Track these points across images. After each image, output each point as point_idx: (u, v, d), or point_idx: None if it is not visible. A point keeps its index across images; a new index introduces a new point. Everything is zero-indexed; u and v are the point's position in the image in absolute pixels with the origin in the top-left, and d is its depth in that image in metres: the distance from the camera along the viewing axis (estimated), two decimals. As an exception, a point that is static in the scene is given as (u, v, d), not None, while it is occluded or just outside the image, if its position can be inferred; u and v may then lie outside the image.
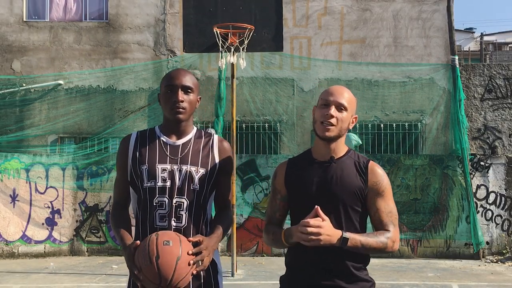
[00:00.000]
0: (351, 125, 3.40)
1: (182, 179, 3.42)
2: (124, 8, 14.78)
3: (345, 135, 3.40)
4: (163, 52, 14.65)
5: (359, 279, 3.32)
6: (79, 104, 14.53)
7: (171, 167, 3.42)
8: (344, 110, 3.31)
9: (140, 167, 3.43)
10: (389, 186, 3.35)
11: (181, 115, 3.45)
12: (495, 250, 13.20)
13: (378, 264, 12.15)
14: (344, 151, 3.39)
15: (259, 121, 14.36)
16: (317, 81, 14.32)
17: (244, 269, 11.52)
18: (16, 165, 13.22)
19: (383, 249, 3.23)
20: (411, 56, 14.44)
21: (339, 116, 3.29)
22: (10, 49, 14.80)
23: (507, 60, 29.84)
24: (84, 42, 14.79)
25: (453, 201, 13.14)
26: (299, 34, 14.52)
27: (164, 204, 3.39)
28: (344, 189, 3.26)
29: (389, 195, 3.33)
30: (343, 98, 3.31)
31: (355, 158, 3.38)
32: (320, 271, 3.28)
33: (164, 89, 3.48)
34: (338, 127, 3.30)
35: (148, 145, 3.49)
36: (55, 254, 13.27)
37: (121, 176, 3.56)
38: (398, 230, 3.31)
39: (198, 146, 3.53)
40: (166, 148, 3.48)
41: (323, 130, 3.29)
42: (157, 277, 3.10)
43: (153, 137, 3.53)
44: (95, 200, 13.40)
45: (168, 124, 3.53)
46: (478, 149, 14.16)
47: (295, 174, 3.40)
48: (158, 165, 3.42)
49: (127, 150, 3.52)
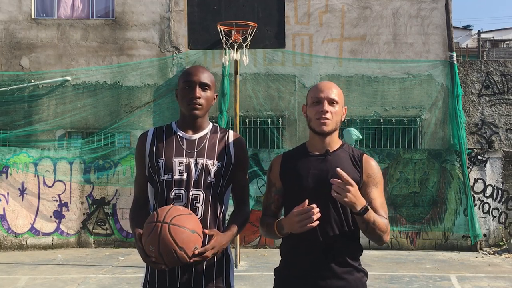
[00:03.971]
0: (343, 116, 3.43)
1: (198, 172, 3.41)
2: (130, 6, 14.86)
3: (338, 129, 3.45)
4: (168, 49, 14.72)
5: (353, 269, 3.31)
6: (86, 99, 14.59)
7: (188, 160, 3.43)
8: (336, 103, 3.35)
9: (157, 161, 3.43)
10: (382, 178, 3.37)
11: (198, 111, 3.46)
12: (492, 242, 13.23)
13: (377, 255, 12.24)
14: (338, 145, 3.41)
15: (261, 116, 14.39)
16: (319, 77, 14.35)
17: (247, 261, 11.55)
18: (25, 159, 13.26)
19: (383, 233, 3.21)
20: (410, 53, 14.47)
21: (332, 110, 3.33)
22: (19, 46, 14.87)
23: (504, 56, 29.78)
24: (91, 39, 14.85)
25: (451, 194, 13.16)
26: (301, 31, 14.60)
27: (181, 197, 3.38)
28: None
29: (381, 187, 3.35)
30: (332, 93, 3.35)
31: (349, 151, 3.40)
32: (314, 262, 3.28)
33: (182, 85, 3.49)
34: (334, 121, 3.34)
35: (165, 140, 3.49)
36: (63, 246, 13.30)
37: (140, 172, 3.56)
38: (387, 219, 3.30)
39: (214, 140, 3.53)
40: (182, 142, 3.48)
41: (320, 125, 3.32)
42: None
43: (169, 132, 3.53)
44: (102, 193, 13.42)
45: (185, 119, 3.53)
46: (476, 143, 14.21)
47: (290, 167, 3.40)
48: (174, 158, 3.42)
49: (144, 145, 3.51)
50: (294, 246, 3.35)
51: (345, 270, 3.28)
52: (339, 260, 3.27)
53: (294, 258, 3.36)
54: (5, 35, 14.90)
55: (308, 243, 3.27)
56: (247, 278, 10.06)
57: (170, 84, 14.55)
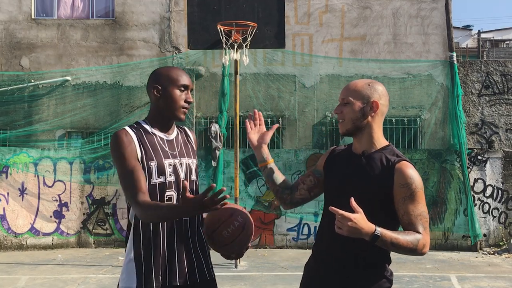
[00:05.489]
0: (372, 112, 3.26)
1: (184, 172, 3.42)
2: (130, 6, 14.86)
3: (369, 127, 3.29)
4: (168, 49, 14.73)
5: (373, 276, 3.24)
6: (86, 99, 14.59)
7: (173, 162, 3.40)
8: (347, 103, 3.27)
9: (149, 163, 3.33)
10: (420, 188, 3.16)
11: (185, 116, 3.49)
12: (492, 242, 13.25)
13: (377, 255, 12.36)
14: (381, 146, 3.30)
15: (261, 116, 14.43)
16: (319, 77, 14.39)
17: (247, 261, 11.53)
18: (25, 159, 13.28)
19: (412, 250, 3.06)
20: (410, 53, 14.48)
21: (343, 110, 3.27)
22: (19, 46, 14.87)
23: (503, 56, 29.83)
24: (91, 39, 14.86)
25: (451, 194, 13.19)
26: (301, 31, 14.61)
27: (173, 198, 3.35)
28: (366, 184, 3.17)
29: (419, 197, 3.15)
30: (344, 92, 3.30)
31: (388, 154, 3.25)
32: (334, 262, 3.26)
33: (177, 87, 3.43)
34: (347, 121, 3.27)
35: (148, 141, 3.40)
36: (63, 246, 13.32)
37: (136, 164, 3.30)
38: (428, 233, 3.14)
39: (183, 139, 3.57)
40: (164, 143, 3.45)
41: (340, 128, 3.36)
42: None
43: (147, 133, 3.43)
44: (101, 193, 13.45)
45: (163, 120, 3.48)
46: (476, 143, 14.22)
47: (332, 162, 3.42)
48: (165, 160, 3.37)
49: (133, 145, 3.35)
50: (318, 243, 3.42)
51: (365, 275, 3.22)
52: (360, 264, 3.21)
53: (315, 248, 3.44)
54: (5, 35, 14.91)
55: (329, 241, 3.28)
56: (247, 278, 10.08)
57: (170, 84, 14.55)
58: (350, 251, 3.20)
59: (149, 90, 3.50)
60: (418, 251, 3.07)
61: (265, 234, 13.25)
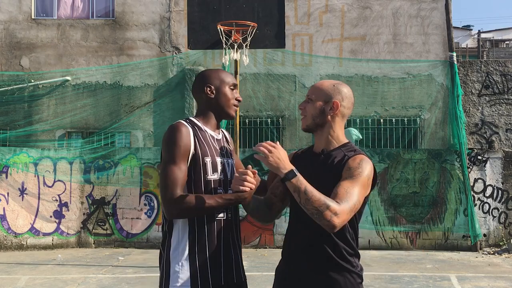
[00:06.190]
0: (332, 112, 3.35)
1: (230, 172, 3.51)
2: (130, 6, 14.88)
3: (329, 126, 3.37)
4: (168, 49, 14.74)
5: (344, 271, 3.24)
6: (86, 99, 14.61)
7: (223, 160, 3.49)
8: (310, 100, 3.37)
9: (204, 159, 3.38)
10: (365, 176, 3.16)
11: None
12: (492, 242, 13.24)
13: (377, 255, 12.28)
14: (339, 144, 3.36)
15: (261, 116, 14.42)
16: (319, 77, 14.37)
17: (247, 261, 11.47)
18: (25, 159, 13.25)
19: (320, 212, 2.97)
20: (410, 53, 14.50)
21: (306, 106, 3.38)
22: (19, 46, 14.90)
23: (503, 56, 29.83)
24: (91, 39, 14.88)
25: (451, 194, 13.17)
26: (301, 31, 14.62)
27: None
28: (322, 182, 3.15)
29: (359, 181, 3.13)
30: (310, 90, 3.42)
31: (346, 151, 3.30)
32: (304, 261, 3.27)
33: (229, 86, 3.55)
34: (308, 117, 3.37)
35: (202, 138, 3.44)
36: (63, 246, 13.30)
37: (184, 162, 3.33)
38: (346, 213, 3.02)
39: (225, 140, 3.65)
40: (214, 141, 3.50)
41: (301, 124, 3.47)
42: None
43: (200, 129, 3.47)
44: (102, 193, 13.43)
45: (212, 118, 3.55)
46: (476, 143, 14.24)
47: (296, 165, 3.26)
48: (216, 158, 3.44)
49: (189, 139, 3.37)
50: (285, 240, 3.45)
51: (337, 269, 3.22)
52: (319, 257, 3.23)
53: (284, 251, 3.44)
54: (5, 35, 14.92)
55: (294, 237, 3.33)
56: (247, 278, 10.00)
57: (170, 84, 14.57)
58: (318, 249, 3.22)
59: (199, 91, 3.57)
60: (325, 216, 2.97)
61: (265, 234, 13.26)
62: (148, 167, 13.43)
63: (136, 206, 13.38)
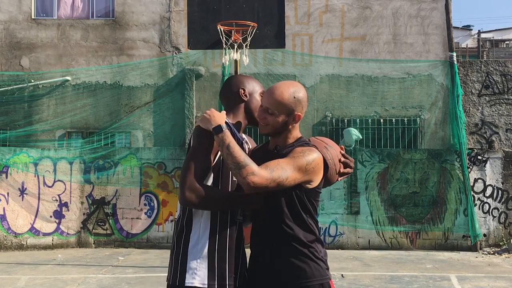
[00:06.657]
0: (295, 123, 3.41)
1: None
2: (130, 6, 14.88)
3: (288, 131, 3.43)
4: (168, 49, 14.74)
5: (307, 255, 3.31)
6: (86, 99, 14.60)
7: None
8: (271, 114, 3.36)
9: None
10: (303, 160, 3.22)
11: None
12: (492, 242, 13.25)
13: (377, 255, 12.30)
14: (293, 140, 3.44)
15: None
16: (319, 77, 14.41)
17: (247, 261, 11.65)
18: (25, 159, 13.25)
19: (238, 167, 3.11)
20: (410, 53, 14.50)
21: (268, 118, 3.37)
22: (19, 46, 14.89)
23: (503, 56, 29.84)
24: (91, 39, 14.87)
25: (451, 194, 13.18)
26: (301, 31, 14.63)
27: None
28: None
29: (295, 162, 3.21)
30: (270, 101, 3.36)
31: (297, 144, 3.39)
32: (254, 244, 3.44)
33: (258, 94, 3.63)
34: (270, 127, 3.39)
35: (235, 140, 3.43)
36: (63, 246, 13.30)
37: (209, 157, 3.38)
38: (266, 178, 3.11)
39: (246, 141, 3.70)
40: (241, 143, 3.53)
41: (259, 128, 3.47)
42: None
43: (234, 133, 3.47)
44: (102, 193, 13.43)
45: (242, 121, 3.62)
46: (476, 143, 14.24)
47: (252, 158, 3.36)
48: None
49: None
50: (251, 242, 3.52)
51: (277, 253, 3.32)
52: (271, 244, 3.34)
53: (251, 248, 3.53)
54: (5, 35, 14.93)
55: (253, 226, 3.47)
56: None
57: (170, 84, 14.58)
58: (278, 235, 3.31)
59: (234, 91, 3.62)
60: (243, 172, 3.10)
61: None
62: (148, 167, 13.43)
63: (136, 206, 13.39)
